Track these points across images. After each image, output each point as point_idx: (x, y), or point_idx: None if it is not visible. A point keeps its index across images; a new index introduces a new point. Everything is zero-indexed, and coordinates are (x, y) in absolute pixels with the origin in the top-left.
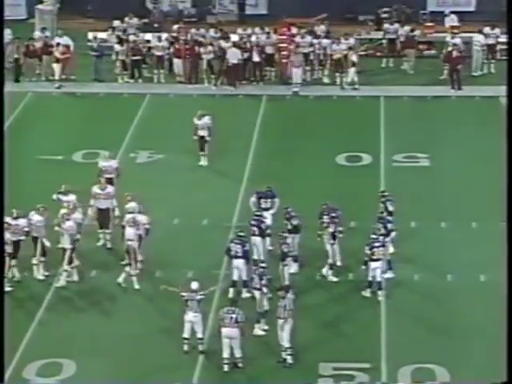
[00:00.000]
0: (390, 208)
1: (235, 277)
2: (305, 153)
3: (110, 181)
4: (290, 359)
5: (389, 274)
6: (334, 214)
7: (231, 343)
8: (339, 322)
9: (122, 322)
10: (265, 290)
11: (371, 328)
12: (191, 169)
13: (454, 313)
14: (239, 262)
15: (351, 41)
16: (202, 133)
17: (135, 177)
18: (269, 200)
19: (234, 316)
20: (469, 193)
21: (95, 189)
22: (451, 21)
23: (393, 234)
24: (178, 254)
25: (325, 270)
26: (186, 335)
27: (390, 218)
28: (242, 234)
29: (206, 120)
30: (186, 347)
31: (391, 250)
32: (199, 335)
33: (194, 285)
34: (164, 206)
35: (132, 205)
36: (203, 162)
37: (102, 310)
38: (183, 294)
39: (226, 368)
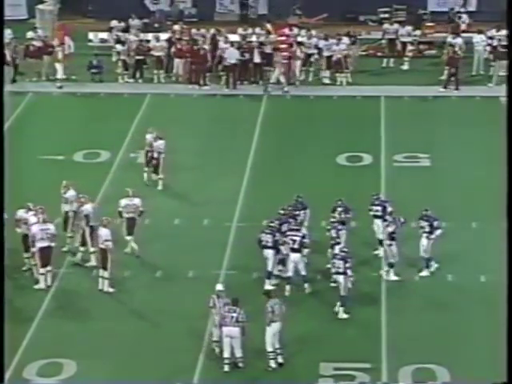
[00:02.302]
0: (389, 209)
1: (269, 267)
2: (305, 153)
3: (156, 161)
4: (280, 359)
5: (424, 273)
6: (349, 213)
7: (232, 343)
8: (340, 322)
9: (122, 321)
10: (349, 272)
11: (372, 328)
12: (192, 169)
13: (455, 313)
14: (268, 252)
15: (345, 40)
16: (155, 155)
17: (136, 176)
18: (302, 212)
19: (234, 315)
20: (469, 193)
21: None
22: (463, 20)
23: (438, 231)
24: (178, 254)
25: (384, 271)
26: (215, 338)
27: (434, 215)
28: (272, 224)
29: (159, 144)
30: (216, 349)
31: (429, 247)
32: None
33: (219, 286)
34: (164, 206)
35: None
36: (160, 186)
37: (101, 310)
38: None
39: (226, 368)
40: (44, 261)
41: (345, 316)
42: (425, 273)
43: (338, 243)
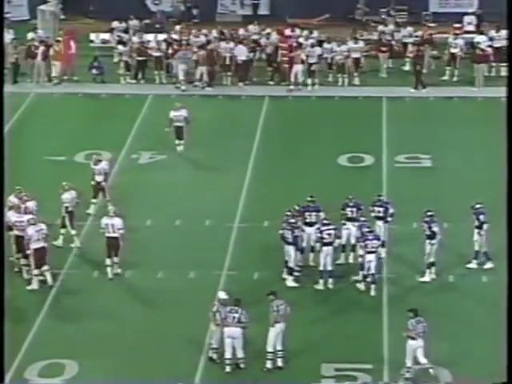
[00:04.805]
0: (391, 210)
1: (291, 264)
2: (307, 153)
3: (179, 129)
4: (280, 362)
5: (489, 265)
6: (361, 208)
7: (233, 343)
8: (341, 323)
9: (124, 321)
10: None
11: (373, 329)
12: (193, 170)
13: (456, 313)
14: (289, 249)
15: (361, 43)
16: (98, 178)
17: (137, 178)
18: (313, 214)
19: (236, 315)
20: (471, 194)
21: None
22: (469, 20)
23: (485, 226)
24: (180, 255)
25: (427, 273)
26: (214, 345)
27: (483, 209)
28: (292, 220)
29: (103, 165)
30: (214, 356)
31: (483, 241)
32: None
33: (222, 294)
34: (166, 207)
35: (67, 196)
36: (103, 207)
37: (103, 310)
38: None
39: (228, 369)
40: (40, 261)
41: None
42: (472, 265)
43: (365, 238)
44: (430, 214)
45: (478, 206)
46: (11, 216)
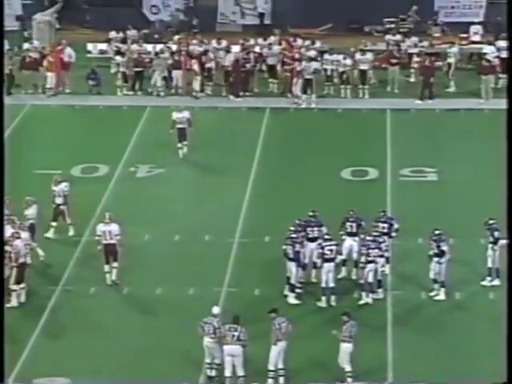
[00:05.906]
0: (396, 226)
1: (292, 280)
2: (309, 167)
3: (182, 131)
4: (281, 380)
5: (496, 282)
6: (362, 223)
7: (233, 361)
8: None
9: (121, 338)
10: (380, 260)
11: (377, 346)
12: (192, 183)
13: (462, 331)
14: (291, 265)
15: (368, 55)
16: (58, 200)
17: (135, 191)
18: (315, 229)
19: (236, 334)
20: (477, 208)
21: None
22: (475, 30)
23: (501, 241)
24: (179, 271)
25: (441, 292)
26: (207, 360)
27: (497, 225)
28: (293, 235)
29: (63, 187)
30: (208, 372)
31: (496, 257)
32: (208, 360)
33: (216, 309)
34: (165, 221)
35: (32, 211)
36: (62, 233)
37: (99, 327)
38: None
39: None
40: (21, 277)
41: (370, 301)
42: (486, 282)
43: (369, 256)
44: (438, 232)
45: (491, 221)
46: (7, 231)
